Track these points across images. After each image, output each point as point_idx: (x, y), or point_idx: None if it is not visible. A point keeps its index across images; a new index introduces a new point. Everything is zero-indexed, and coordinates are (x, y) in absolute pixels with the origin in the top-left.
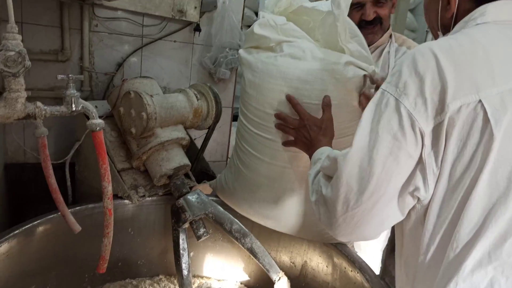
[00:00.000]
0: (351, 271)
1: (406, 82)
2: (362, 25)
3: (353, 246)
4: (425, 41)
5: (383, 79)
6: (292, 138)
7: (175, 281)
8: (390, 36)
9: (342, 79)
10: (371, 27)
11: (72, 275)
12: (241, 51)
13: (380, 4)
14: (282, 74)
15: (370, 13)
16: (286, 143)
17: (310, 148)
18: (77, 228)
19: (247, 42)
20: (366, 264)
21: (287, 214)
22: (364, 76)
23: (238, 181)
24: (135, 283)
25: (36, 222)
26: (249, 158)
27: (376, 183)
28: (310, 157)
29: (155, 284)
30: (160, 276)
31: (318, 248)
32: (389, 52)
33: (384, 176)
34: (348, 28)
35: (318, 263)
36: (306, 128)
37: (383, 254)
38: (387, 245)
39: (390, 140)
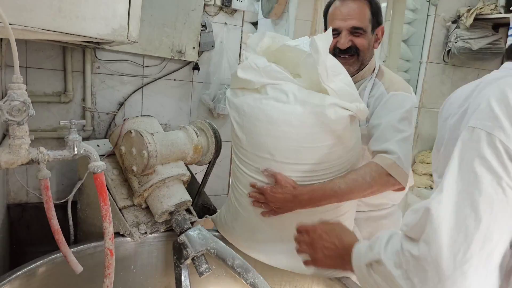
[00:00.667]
0: None
1: (498, 116)
2: (336, 52)
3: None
4: (419, 71)
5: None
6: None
7: None
8: (374, 71)
9: (327, 121)
10: (345, 56)
11: None
12: (228, 92)
13: (357, 33)
14: (269, 118)
15: (345, 42)
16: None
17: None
18: (79, 268)
19: (233, 83)
20: None
21: (287, 254)
22: (350, 116)
23: (236, 221)
24: None
25: (38, 263)
26: (245, 199)
27: (486, 229)
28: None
29: None
30: None
31: (322, 282)
32: (366, 87)
33: (493, 219)
34: (331, 67)
35: None
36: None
37: None
38: None
39: (491, 178)
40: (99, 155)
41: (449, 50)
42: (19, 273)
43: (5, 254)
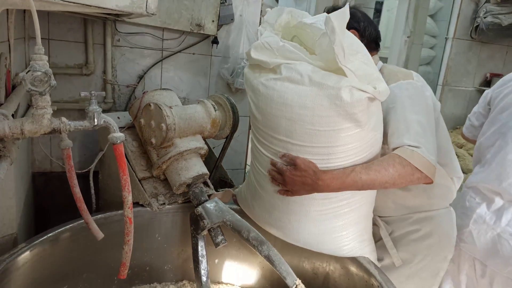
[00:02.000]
0: (372, 284)
1: None
2: None
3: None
4: (444, 47)
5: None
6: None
7: None
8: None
9: (343, 104)
10: None
11: (101, 278)
12: (245, 70)
13: None
14: (283, 99)
15: None
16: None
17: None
18: (100, 235)
19: (249, 61)
20: (387, 278)
21: (304, 233)
22: (368, 98)
23: (255, 199)
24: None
25: (61, 230)
26: (263, 179)
27: None
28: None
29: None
30: (184, 282)
31: (340, 260)
32: None
33: None
34: (349, 46)
35: (340, 275)
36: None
37: None
38: None
39: None
40: (119, 127)
41: (477, 26)
42: (42, 238)
43: (30, 222)
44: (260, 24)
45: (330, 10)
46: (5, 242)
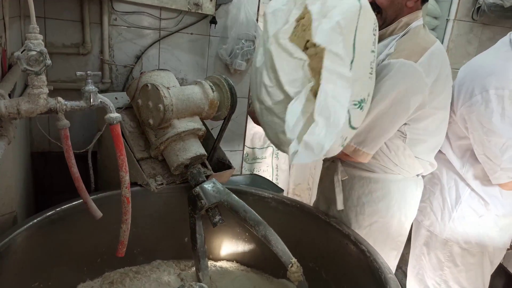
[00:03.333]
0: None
1: None
2: None
3: None
4: (445, 29)
5: None
6: None
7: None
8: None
9: None
10: None
11: (100, 256)
12: None
13: None
14: None
15: None
16: None
17: None
18: (98, 214)
19: None
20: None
21: None
22: None
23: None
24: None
25: (59, 209)
26: None
27: None
28: None
29: (175, 266)
30: (179, 261)
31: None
32: (386, 47)
33: None
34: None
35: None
36: None
37: None
38: None
39: None
40: (117, 108)
41: (479, 7)
42: (41, 217)
43: (30, 201)
44: (259, 4)
45: None
46: (5, 221)
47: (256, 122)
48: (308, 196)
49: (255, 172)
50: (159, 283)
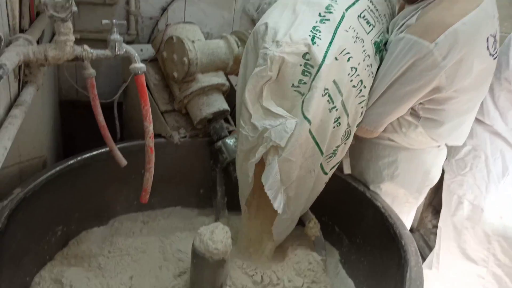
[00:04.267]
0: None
1: None
2: None
3: None
4: None
5: None
6: None
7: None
8: None
9: None
10: None
11: (126, 200)
12: None
13: None
14: None
15: None
16: None
17: None
18: (124, 162)
19: None
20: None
21: None
22: None
23: None
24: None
25: (86, 156)
26: None
27: None
28: None
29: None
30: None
31: None
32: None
33: None
34: None
35: None
36: None
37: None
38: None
39: None
40: (143, 60)
41: None
42: (69, 162)
43: (59, 147)
44: None
45: None
46: (35, 164)
47: None
48: None
49: None
50: (176, 227)
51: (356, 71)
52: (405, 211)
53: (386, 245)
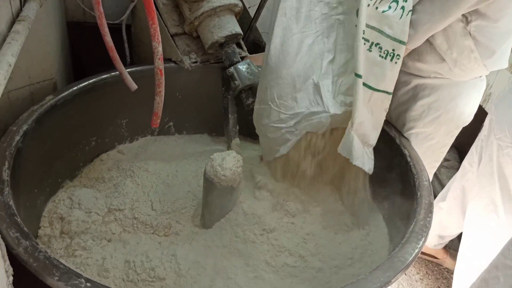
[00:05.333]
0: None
1: None
2: None
3: None
4: None
5: None
6: None
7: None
8: None
9: None
10: None
11: (136, 123)
12: None
13: None
14: None
15: None
16: None
17: None
18: (134, 86)
19: None
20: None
21: None
22: None
23: None
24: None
25: (96, 79)
26: None
27: None
28: None
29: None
30: (204, 134)
31: None
32: None
33: None
34: None
35: None
36: None
37: None
38: None
39: None
40: None
41: None
42: (80, 85)
43: (69, 70)
44: None
45: None
46: (46, 86)
47: None
48: None
49: None
50: (187, 153)
51: None
52: (442, 155)
53: (403, 194)
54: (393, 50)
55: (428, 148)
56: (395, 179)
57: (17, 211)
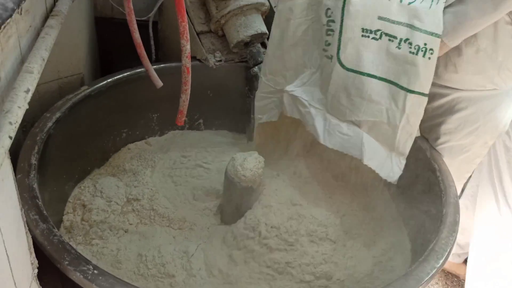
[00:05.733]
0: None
1: None
2: None
3: None
4: None
5: None
6: None
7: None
8: None
9: None
10: None
11: (162, 119)
12: None
13: None
14: None
15: None
16: None
17: None
18: (159, 83)
19: None
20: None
21: None
22: None
23: None
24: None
25: (124, 75)
26: None
27: None
28: None
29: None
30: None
31: None
32: None
33: None
34: None
35: None
36: None
37: None
38: None
39: None
40: None
41: None
42: (106, 81)
43: (96, 65)
44: None
45: None
46: (73, 81)
47: None
48: None
49: None
50: (211, 146)
51: None
52: (474, 166)
53: (429, 210)
54: (425, 44)
55: (462, 160)
56: (422, 194)
57: (42, 195)
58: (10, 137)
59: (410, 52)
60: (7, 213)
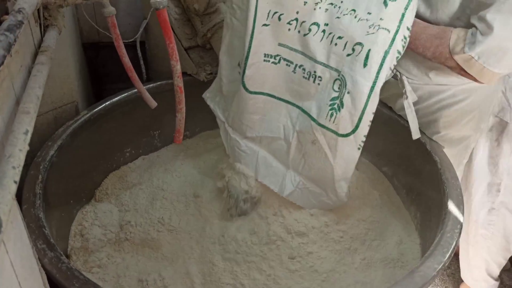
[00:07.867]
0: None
1: None
2: None
3: None
4: None
5: None
6: None
7: None
8: None
9: None
10: None
11: (160, 140)
12: None
13: None
14: None
15: None
16: None
17: None
18: (153, 103)
19: None
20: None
21: None
22: None
23: None
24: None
25: (118, 98)
26: None
27: None
28: None
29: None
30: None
31: None
32: None
33: None
34: None
35: None
36: None
37: None
38: None
39: None
40: None
41: None
42: (101, 107)
43: (88, 91)
44: None
45: None
46: (68, 110)
47: None
48: None
49: None
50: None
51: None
52: (470, 150)
53: (433, 204)
54: (315, 72)
55: (461, 148)
56: (426, 187)
57: (49, 223)
58: (15, 182)
59: (304, 77)
60: (19, 255)
